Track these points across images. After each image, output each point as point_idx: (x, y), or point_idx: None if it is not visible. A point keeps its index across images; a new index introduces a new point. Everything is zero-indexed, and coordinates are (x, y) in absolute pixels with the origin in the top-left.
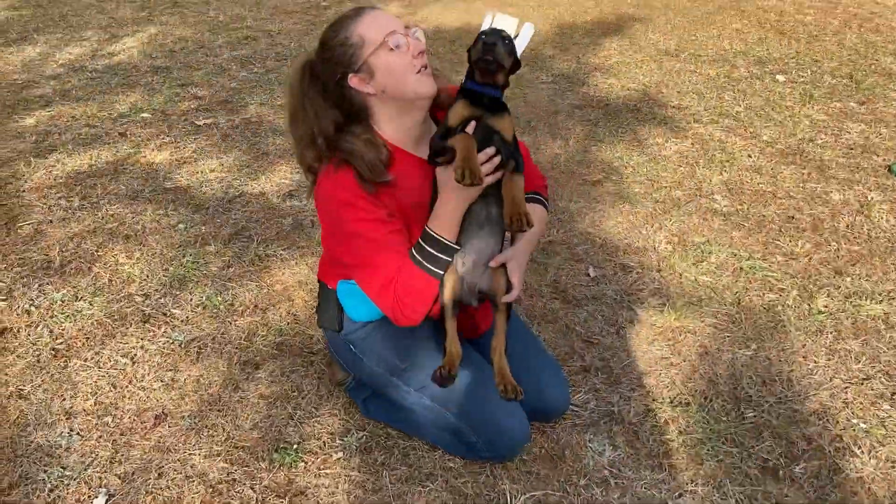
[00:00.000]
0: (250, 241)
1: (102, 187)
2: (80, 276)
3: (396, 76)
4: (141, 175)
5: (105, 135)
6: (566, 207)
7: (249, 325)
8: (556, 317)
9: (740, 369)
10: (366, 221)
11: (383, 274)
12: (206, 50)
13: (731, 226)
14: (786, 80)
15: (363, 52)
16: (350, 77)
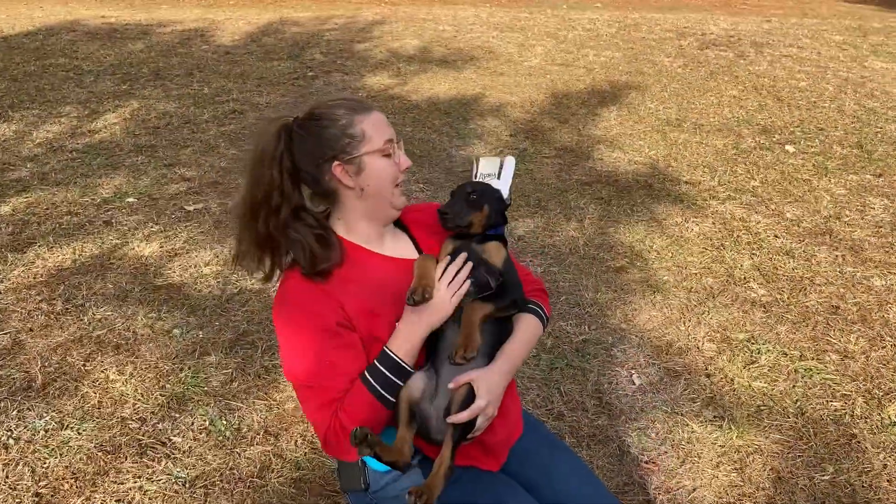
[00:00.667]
0: (254, 349)
1: (88, 287)
2: (65, 396)
3: (381, 182)
4: (129, 271)
5: (88, 223)
6: (594, 300)
7: (261, 457)
8: (605, 436)
9: (821, 498)
10: (311, 331)
11: (325, 392)
12: (191, 125)
13: (774, 318)
14: (795, 151)
15: (361, 148)
16: (335, 165)
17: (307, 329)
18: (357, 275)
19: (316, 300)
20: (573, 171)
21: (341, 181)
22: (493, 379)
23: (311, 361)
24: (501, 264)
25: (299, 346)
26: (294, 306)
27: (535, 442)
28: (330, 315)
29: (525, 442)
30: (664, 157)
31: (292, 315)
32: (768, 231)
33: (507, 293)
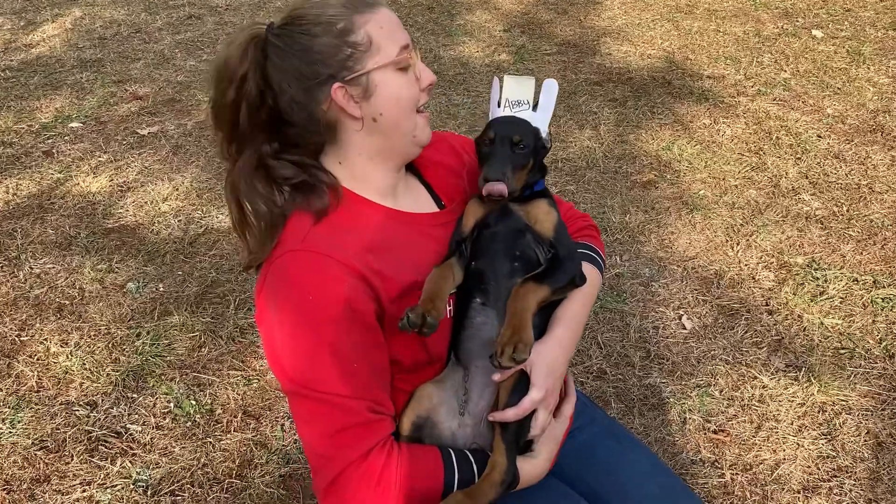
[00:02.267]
0: (225, 305)
1: (23, 234)
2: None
3: (399, 107)
4: (74, 212)
5: (25, 155)
6: (623, 223)
7: (241, 448)
8: (659, 399)
9: None
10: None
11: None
12: (143, 35)
13: (836, 236)
14: (824, 37)
15: (366, 61)
16: (335, 87)
17: (326, 318)
18: (377, 241)
19: (345, 278)
20: (580, 70)
21: (344, 110)
22: (552, 357)
23: (327, 364)
24: (553, 232)
25: (309, 341)
26: (311, 284)
27: (594, 435)
28: (365, 300)
29: (582, 435)
30: (679, 48)
31: (307, 295)
32: (810, 130)
33: (562, 269)
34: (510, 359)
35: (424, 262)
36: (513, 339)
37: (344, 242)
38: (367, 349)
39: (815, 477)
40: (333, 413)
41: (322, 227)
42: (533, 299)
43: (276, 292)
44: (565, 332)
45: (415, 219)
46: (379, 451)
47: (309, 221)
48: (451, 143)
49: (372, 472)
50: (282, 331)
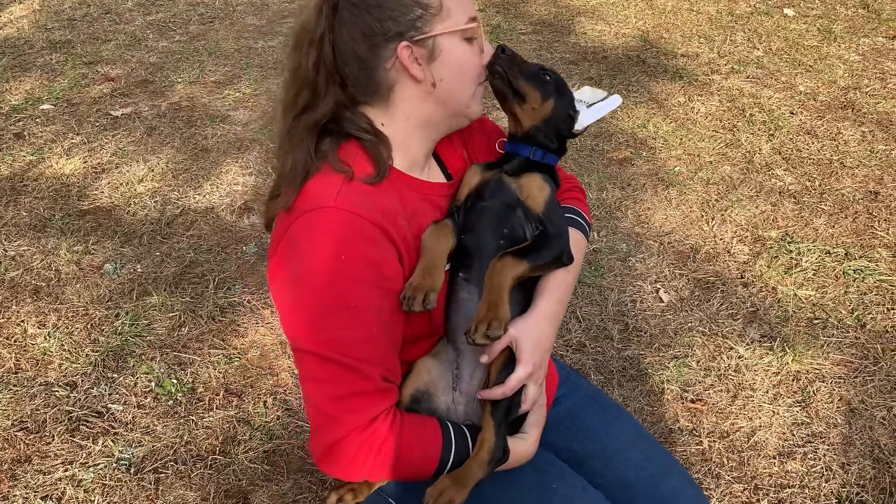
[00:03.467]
0: (204, 285)
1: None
2: None
3: (463, 76)
4: (48, 194)
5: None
6: (600, 200)
7: (223, 426)
8: (638, 370)
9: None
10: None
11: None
12: (113, 15)
13: (808, 210)
14: (796, 15)
15: (435, 24)
16: (401, 45)
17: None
18: (407, 209)
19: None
20: (555, 49)
21: (408, 69)
22: (539, 330)
23: (351, 325)
24: (543, 208)
25: (335, 300)
26: (345, 242)
27: (578, 402)
28: (395, 266)
29: (566, 402)
30: (654, 27)
31: (339, 254)
32: (783, 107)
33: (547, 247)
34: (484, 336)
35: None
36: (488, 316)
37: (378, 204)
38: (390, 315)
39: (790, 443)
40: (348, 376)
41: (356, 185)
42: (510, 274)
43: (304, 247)
44: (549, 304)
45: (430, 189)
46: (384, 418)
47: (340, 178)
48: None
49: (375, 439)
50: (304, 286)
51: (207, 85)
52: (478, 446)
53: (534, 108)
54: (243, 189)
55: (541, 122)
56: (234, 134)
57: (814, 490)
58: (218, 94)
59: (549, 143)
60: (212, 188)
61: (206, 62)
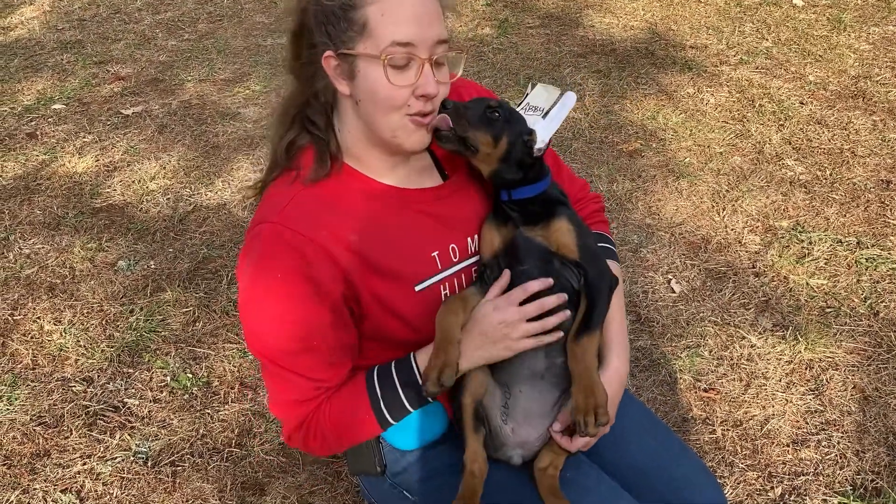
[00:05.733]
0: (218, 280)
1: (11, 215)
2: None
3: (376, 105)
4: (61, 192)
5: (9, 137)
6: (610, 191)
7: (239, 419)
8: (651, 360)
9: None
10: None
11: (306, 387)
12: (122, 15)
13: (820, 200)
14: (805, 5)
15: (357, 43)
16: (326, 55)
17: (299, 294)
18: (364, 221)
19: (316, 258)
20: (563, 42)
21: (333, 80)
22: (613, 391)
23: (297, 339)
24: (577, 252)
25: (280, 314)
26: (282, 259)
27: None
28: (332, 281)
29: None
30: (662, 19)
31: (276, 271)
32: (792, 97)
33: (599, 295)
34: (595, 427)
35: (414, 244)
36: (588, 404)
37: (323, 220)
38: (329, 329)
39: (803, 431)
40: (285, 386)
41: (305, 198)
42: (592, 351)
43: (249, 262)
44: (621, 362)
45: (411, 196)
46: (315, 411)
47: (296, 187)
48: (458, 90)
49: (310, 429)
50: (250, 299)
51: (217, 83)
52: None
53: (488, 154)
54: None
55: (498, 163)
56: (244, 131)
57: (828, 477)
58: (228, 91)
59: (516, 176)
60: (223, 185)
61: (216, 60)
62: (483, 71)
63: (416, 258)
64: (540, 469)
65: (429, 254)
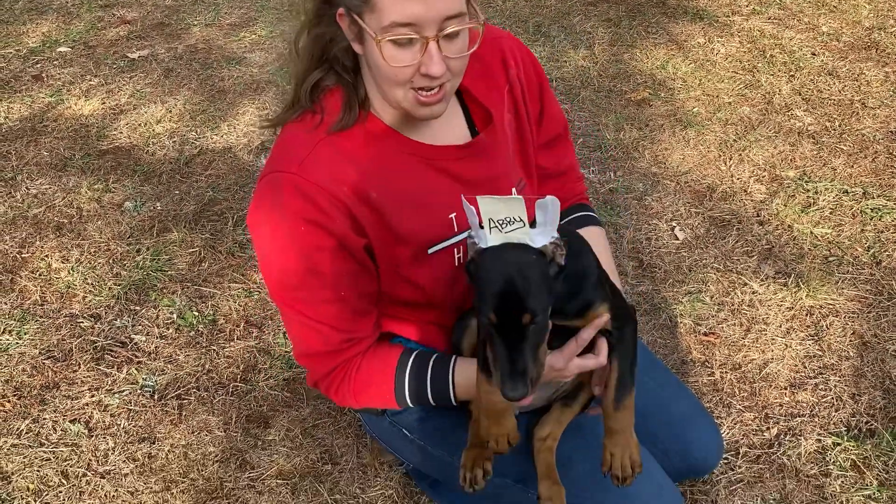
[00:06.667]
0: (223, 222)
1: (18, 156)
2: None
3: (381, 77)
4: (68, 134)
5: (14, 80)
6: (617, 140)
7: (244, 355)
8: (652, 304)
9: None
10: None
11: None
12: None
13: (828, 150)
14: None
15: (365, 14)
16: (339, 11)
17: (324, 247)
18: (383, 176)
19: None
20: None
21: (347, 37)
22: None
23: (326, 289)
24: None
25: (307, 267)
26: (304, 213)
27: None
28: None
29: None
30: None
31: (298, 224)
32: (804, 48)
33: (628, 350)
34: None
35: (432, 205)
36: (625, 462)
37: (344, 174)
38: (354, 278)
39: (801, 374)
40: (312, 337)
41: (328, 149)
42: (632, 412)
43: (270, 212)
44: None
45: (434, 153)
46: (341, 370)
47: (318, 135)
48: (503, 49)
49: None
50: (272, 249)
51: (223, 27)
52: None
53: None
54: (260, 130)
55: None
56: (250, 76)
57: (823, 419)
58: (234, 36)
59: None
60: (229, 129)
61: (222, 5)
62: (492, 18)
63: (433, 219)
64: (540, 439)
65: (446, 215)
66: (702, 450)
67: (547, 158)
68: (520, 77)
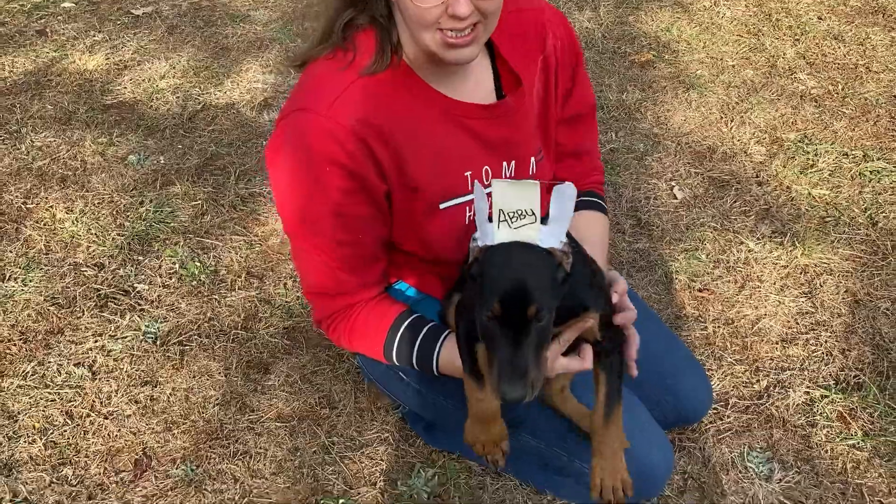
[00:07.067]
0: (226, 176)
1: (23, 109)
2: (5, 241)
3: (408, 17)
4: (72, 89)
5: (18, 34)
6: (620, 101)
7: (245, 304)
8: (648, 261)
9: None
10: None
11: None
12: None
13: (829, 114)
14: None
15: None
16: None
17: (347, 189)
18: (408, 123)
19: (363, 157)
20: None
21: None
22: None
23: (345, 232)
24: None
25: (329, 210)
26: (329, 154)
27: None
28: (377, 179)
29: None
30: None
31: (323, 164)
32: (811, 12)
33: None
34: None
35: (450, 160)
36: (616, 483)
37: (373, 120)
38: (372, 223)
39: (793, 330)
40: (322, 276)
41: (358, 92)
42: (620, 427)
43: (295, 150)
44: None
45: (458, 109)
46: (342, 313)
47: (349, 76)
48: (544, 20)
49: (334, 328)
50: (294, 187)
51: None
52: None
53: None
54: (263, 87)
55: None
56: (254, 33)
57: (813, 372)
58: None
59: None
60: (232, 85)
61: None
62: None
63: (449, 174)
64: (556, 393)
65: (462, 173)
66: (692, 400)
67: (566, 135)
68: (556, 51)
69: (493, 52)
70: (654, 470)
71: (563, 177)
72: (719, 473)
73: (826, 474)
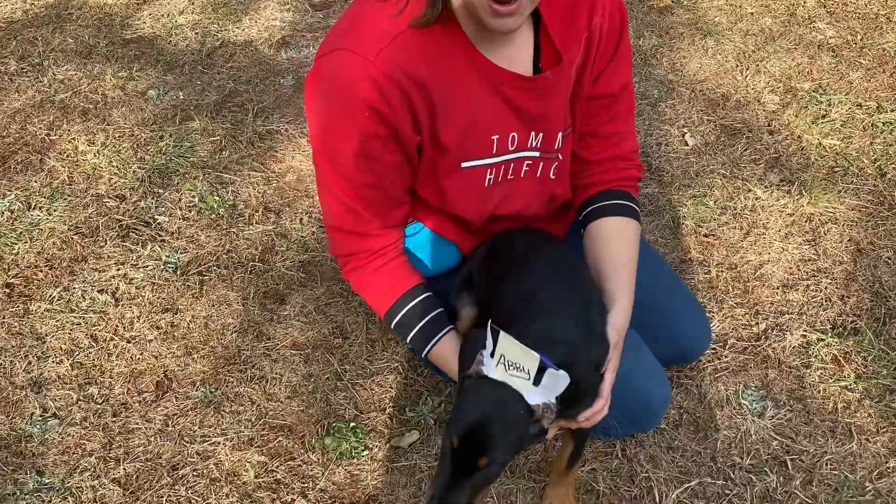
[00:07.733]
0: (244, 113)
1: (45, 42)
2: (29, 172)
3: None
4: (92, 23)
5: None
6: (636, 46)
7: (262, 238)
8: (656, 206)
9: None
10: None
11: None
12: None
13: (846, 64)
14: None
15: None
16: None
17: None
18: (449, 81)
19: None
20: None
21: None
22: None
23: (363, 172)
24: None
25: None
26: (370, 100)
27: None
28: (412, 131)
29: None
30: None
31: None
32: None
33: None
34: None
35: (480, 121)
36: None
37: (418, 73)
38: (400, 169)
39: (794, 276)
40: (345, 214)
41: (407, 42)
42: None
43: (337, 92)
44: (629, 300)
45: (499, 75)
46: (361, 258)
47: (399, 24)
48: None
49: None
50: (330, 124)
51: None
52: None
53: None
54: (281, 24)
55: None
56: None
57: (811, 317)
58: None
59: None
60: (251, 22)
61: None
62: None
63: (475, 135)
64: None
65: (490, 136)
66: (690, 338)
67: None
68: (602, 28)
69: (538, 24)
70: (652, 399)
71: (584, 156)
72: (714, 409)
73: (817, 413)
